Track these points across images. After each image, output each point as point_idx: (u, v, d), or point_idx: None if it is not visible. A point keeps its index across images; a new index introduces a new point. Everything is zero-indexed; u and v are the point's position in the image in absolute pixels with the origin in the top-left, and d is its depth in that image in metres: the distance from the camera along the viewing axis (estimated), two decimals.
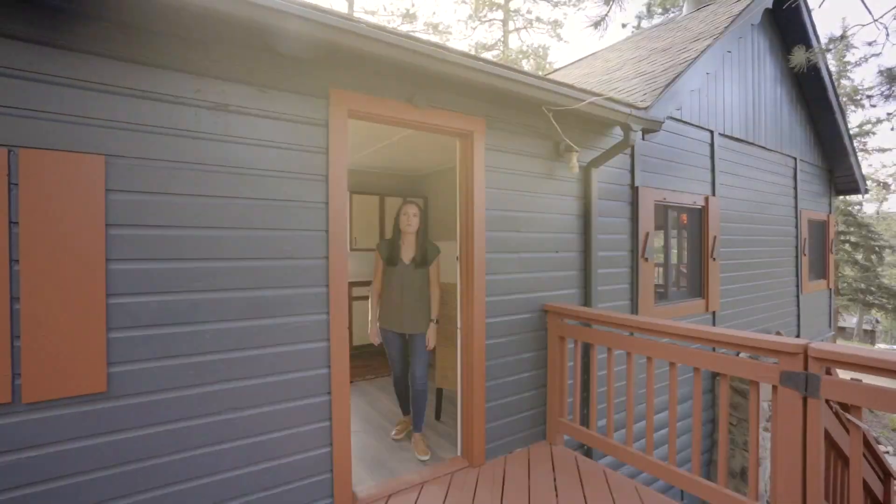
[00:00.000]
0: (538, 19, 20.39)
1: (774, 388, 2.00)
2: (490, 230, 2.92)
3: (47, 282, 1.64)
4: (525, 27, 20.75)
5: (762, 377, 2.04)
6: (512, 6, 20.35)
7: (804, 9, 5.59)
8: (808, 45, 5.72)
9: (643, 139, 3.82)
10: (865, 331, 30.44)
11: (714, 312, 4.85)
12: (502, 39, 20.88)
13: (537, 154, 3.16)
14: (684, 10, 7.03)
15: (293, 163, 2.19)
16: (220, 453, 1.99)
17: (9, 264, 1.59)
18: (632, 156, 3.85)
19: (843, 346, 1.84)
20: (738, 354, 3.24)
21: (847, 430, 3.54)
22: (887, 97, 4.30)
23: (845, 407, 1.85)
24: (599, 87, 4.86)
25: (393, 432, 3.34)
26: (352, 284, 5.76)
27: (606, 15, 2.43)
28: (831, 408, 3.53)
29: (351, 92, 2.33)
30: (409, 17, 19.18)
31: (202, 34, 1.92)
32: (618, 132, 3.61)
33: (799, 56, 3.58)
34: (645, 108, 3.25)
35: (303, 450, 2.20)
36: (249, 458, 2.06)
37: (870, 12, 2.33)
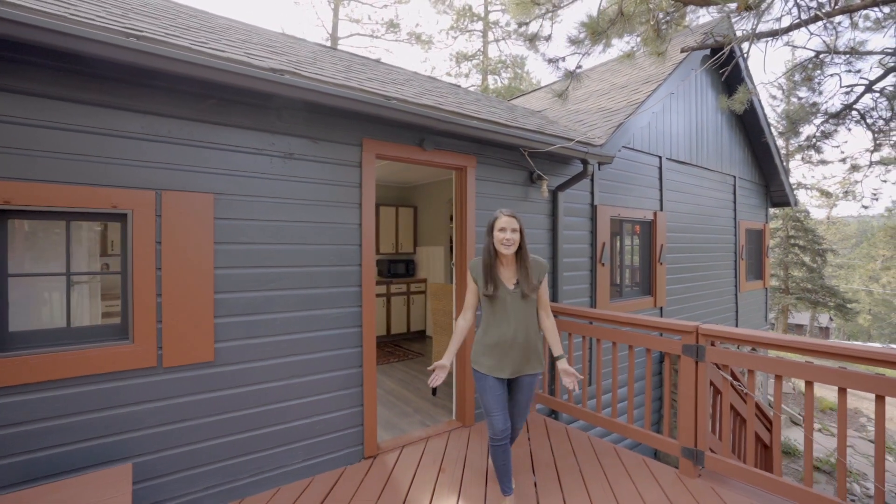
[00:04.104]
0: (516, 31, 21.37)
1: (679, 357, 2.87)
2: (479, 243, 3.73)
3: (178, 283, 2.36)
4: (504, 38, 21.75)
5: (671, 349, 2.91)
6: (491, 18, 21.32)
7: (738, 51, 6.63)
8: (742, 81, 6.77)
9: (599, 169, 4.71)
10: (819, 328, 32.73)
11: (661, 308, 5.80)
12: (482, 49, 21.83)
13: (516, 182, 3.99)
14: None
15: (336, 194, 2.94)
16: (287, 408, 2.73)
17: (155, 271, 2.30)
18: (591, 180, 4.73)
19: (721, 326, 2.72)
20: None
21: (736, 381, 4.54)
22: (796, 134, 5.34)
23: (726, 367, 2.73)
24: (567, 118, 5.75)
25: None
26: None
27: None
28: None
29: (377, 141, 3.10)
30: (393, 26, 19.86)
31: (277, 104, 2.66)
32: (579, 164, 4.48)
33: (723, 103, 4.53)
34: (600, 146, 4.13)
35: (342, 408, 2.96)
36: (306, 412, 2.81)
37: (765, 72, 3.22)
